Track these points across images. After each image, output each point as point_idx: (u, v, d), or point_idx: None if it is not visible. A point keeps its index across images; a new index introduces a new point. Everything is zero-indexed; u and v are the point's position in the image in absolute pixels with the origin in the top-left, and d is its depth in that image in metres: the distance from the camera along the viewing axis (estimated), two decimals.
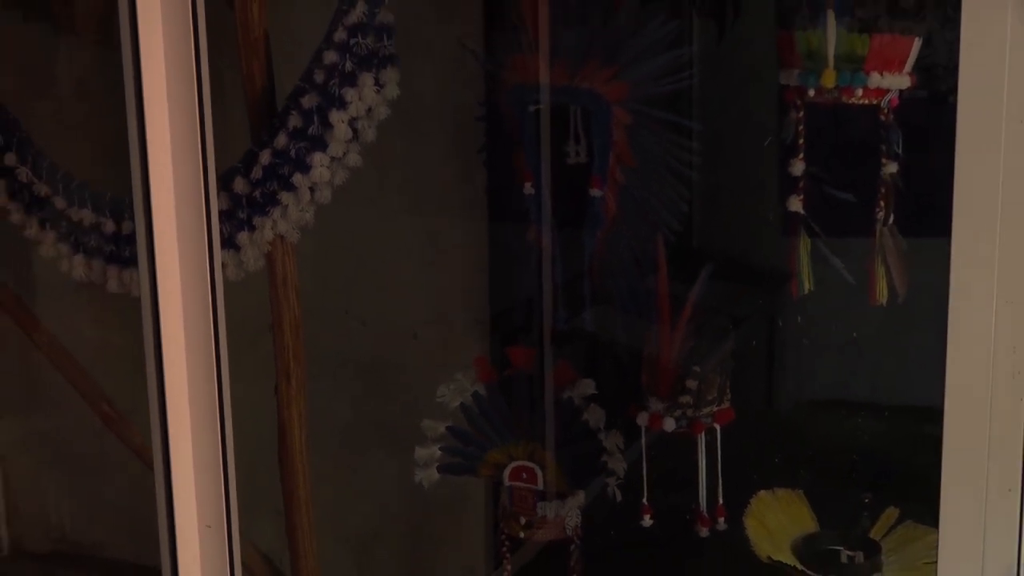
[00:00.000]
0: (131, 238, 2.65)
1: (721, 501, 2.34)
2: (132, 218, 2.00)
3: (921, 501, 2.11)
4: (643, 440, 2.39)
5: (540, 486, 2.50)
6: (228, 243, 2.50)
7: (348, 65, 2.37)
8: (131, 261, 2.68)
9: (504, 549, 2.58)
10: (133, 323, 1.96)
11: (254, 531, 1.94)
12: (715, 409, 2.33)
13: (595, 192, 2.41)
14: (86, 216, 2.74)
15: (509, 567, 2.59)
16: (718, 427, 2.33)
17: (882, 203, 2.03)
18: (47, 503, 3.58)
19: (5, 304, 3.18)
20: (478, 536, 2.97)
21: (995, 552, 1.38)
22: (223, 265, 1.90)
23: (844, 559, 2.19)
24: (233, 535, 1.95)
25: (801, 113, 2.06)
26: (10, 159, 2.77)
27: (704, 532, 2.34)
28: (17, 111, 2.80)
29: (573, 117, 2.48)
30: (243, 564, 1.98)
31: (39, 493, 3.58)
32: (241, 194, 2.52)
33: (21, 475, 3.58)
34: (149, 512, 1.94)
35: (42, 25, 3.19)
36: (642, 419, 2.36)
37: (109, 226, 2.72)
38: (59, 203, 2.76)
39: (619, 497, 2.42)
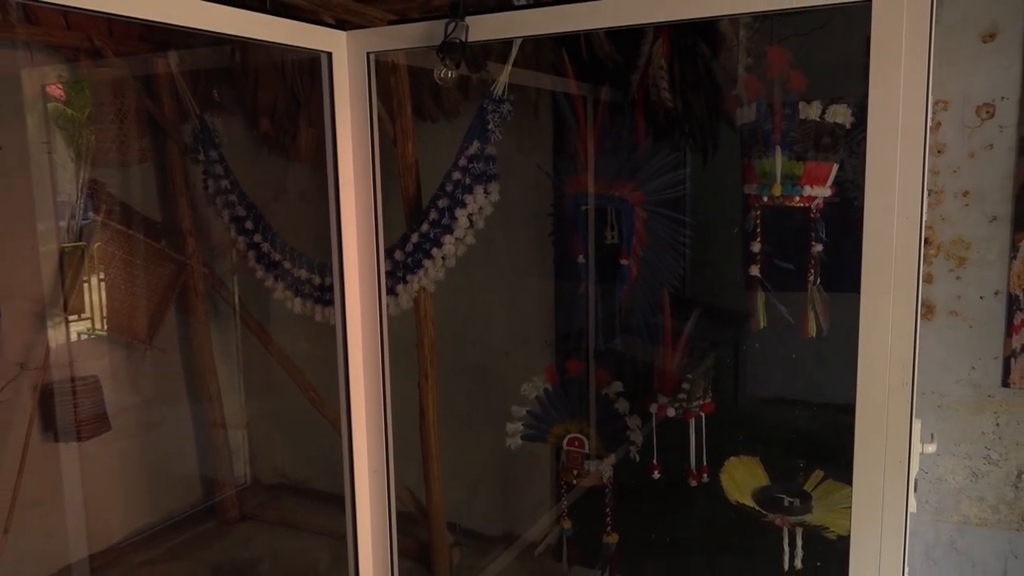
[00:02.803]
0: (329, 288, 2.70)
1: (705, 463, 2.30)
2: (331, 275, 2.04)
3: (838, 466, 2.06)
4: (654, 422, 2.36)
5: (586, 450, 2.48)
6: (390, 291, 2.53)
7: (467, 180, 2.39)
8: (329, 302, 2.72)
9: (562, 491, 2.55)
10: (329, 341, 1.97)
11: (403, 474, 1.94)
12: (702, 403, 2.30)
13: (623, 262, 2.41)
14: (302, 273, 2.79)
15: (565, 502, 2.55)
16: (703, 415, 2.29)
17: (812, 270, 1.99)
18: (274, 452, 3.62)
19: (252, 327, 3.25)
20: (544, 481, 2.93)
21: (891, 501, 1.33)
22: (387, 305, 1.92)
23: (786, 503, 2.13)
24: (390, 476, 1.95)
25: (758, 212, 2.04)
26: (258, 238, 2.84)
27: (693, 483, 2.30)
28: (263, 209, 2.88)
29: (609, 214, 2.48)
30: (395, 495, 1.97)
31: (269, 446, 3.62)
32: (399, 261, 2.55)
33: (259, 435, 3.62)
34: (336, 460, 1.94)
35: (279, 157, 3.28)
36: (653, 408, 2.33)
37: (316, 280, 2.77)
38: (286, 265, 2.82)
39: (638, 459, 2.39)
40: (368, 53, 1.75)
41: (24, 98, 2.70)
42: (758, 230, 2.03)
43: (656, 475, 2.35)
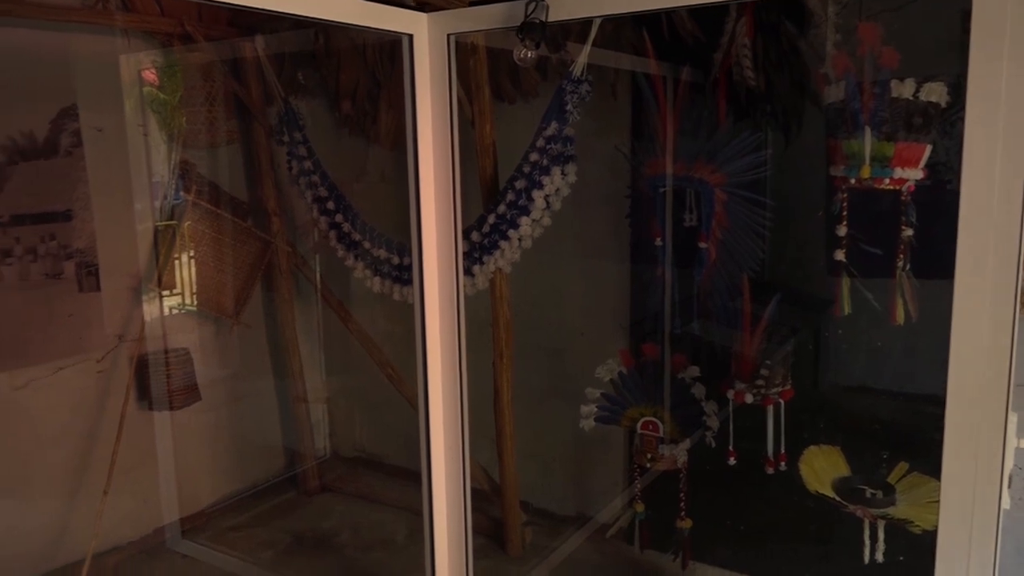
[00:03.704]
0: (408, 267, 2.74)
1: (783, 451, 2.25)
2: (410, 255, 2.07)
3: (925, 459, 1.99)
4: (730, 408, 2.32)
5: (661, 434, 2.45)
6: (467, 272, 2.54)
7: (544, 161, 2.39)
8: (408, 282, 2.76)
9: (635, 473, 2.54)
10: (407, 320, 2.00)
11: (477, 452, 1.96)
12: (781, 389, 2.24)
13: (702, 245, 2.36)
14: (382, 253, 2.84)
15: (638, 485, 2.54)
16: (783, 401, 2.24)
17: (901, 255, 1.92)
18: (353, 427, 3.71)
19: (333, 305, 3.33)
20: (617, 464, 2.93)
21: (982, 497, 1.28)
22: (464, 285, 1.93)
23: (868, 495, 2.07)
24: (465, 454, 1.97)
25: (845, 194, 1.96)
26: (339, 218, 2.90)
27: (770, 471, 2.26)
28: (344, 189, 2.93)
29: (688, 196, 2.44)
30: (469, 471, 2.00)
31: (348, 421, 3.71)
32: (475, 242, 2.57)
33: (338, 410, 3.72)
34: (414, 436, 1.97)
35: (359, 139, 3.34)
36: (730, 394, 2.29)
37: (395, 260, 2.81)
38: (366, 245, 2.87)
39: (713, 444, 2.35)
40: (448, 35, 1.75)
41: (122, 83, 2.82)
42: (844, 213, 1.96)
43: (732, 461, 2.32)
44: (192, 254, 3.12)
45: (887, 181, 1.89)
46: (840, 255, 2.00)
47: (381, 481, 3.45)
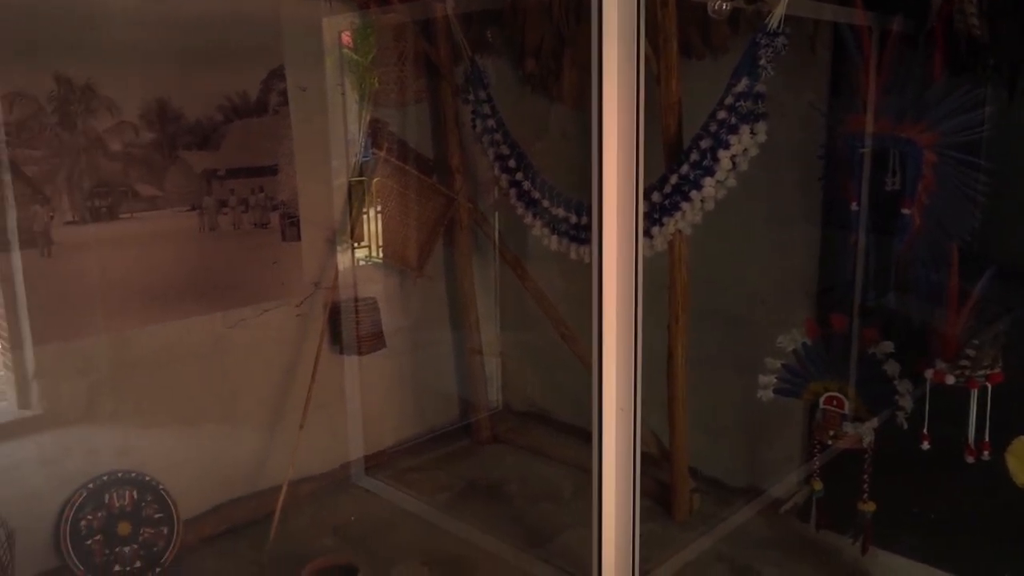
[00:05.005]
0: (586, 227, 2.74)
1: (987, 439, 2.06)
2: (588, 215, 2.05)
3: None
4: (927, 388, 2.15)
5: (845, 411, 2.33)
6: (645, 233, 2.52)
7: (733, 119, 2.30)
8: (585, 241, 2.76)
9: (814, 450, 2.43)
10: (582, 279, 2.00)
11: (647, 414, 1.95)
12: (989, 372, 2.05)
13: (905, 211, 2.19)
14: (560, 212, 2.85)
15: (817, 462, 2.43)
16: (989, 386, 2.05)
17: None
18: (525, 382, 3.80)
19: (510, 262, 3.40)
20: (794, 438, 2.81)
21: None
22: (641, 247, 1.90)
23: None
24: (636, 417, 1.96)
25: None
26: (519, 176, 2.94)
27: (970, 460, 2.08)
28: (525, 148, 2.97)
29: (892, 157, 2.26)
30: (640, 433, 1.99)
31: (521, 376, 3.80)
32: (656, 203, 2.52)
33: (511, 365, 3.82)
34: (584, 394, 1.98)
35: (542, 96, 3.35)
36: (928, 374, 2.12)
37: (573, 219, 2.82)
38: (545, 203, 2.89)
39: (905, 426, 2.20)
40: None
41: (324, 45, 2.99)
42: None
43: (926, 445, 2.16)
44: (379, 208, 3.28)
45: None
46: None
47: (550, 436, 3.52)
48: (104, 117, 2.44)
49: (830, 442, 2.36)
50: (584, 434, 2.02)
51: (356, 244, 3.22)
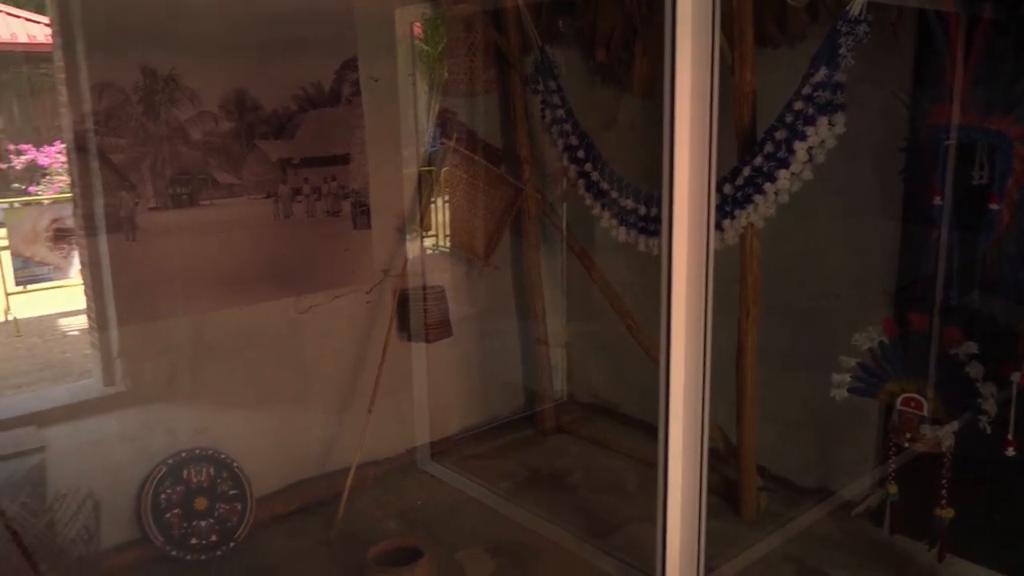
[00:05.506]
0: (655, 219, 2.71)
1: None
2: (658, 207, 2.03)
3: None
4: (1014, 392, 2.06)
5: (924, 413, 2.25)
6: (717, 226, 2.46)
7: (810, 110, 2.23)
8: (654, 233, 2.73)
9: (890, 452, 2.36)
10: (650, 271, 1.98)
11: (715, 410, 1.92)
12: None
13: (993, 206, 2.10)
14: (629, 204, 2.83)
15: (893, 465, 2.36)
16: None
17: None
18: (589, 373, 3.78)
19: (577, 253, 3.38)
20: (868, 439, 2.72)
21: None
22: (713, 240, 1.87)
23: None
24: (704, 411, 1.93)
25: None
26: (588, 167, 2.92)
27: None
28: (595, 138, 2.95)
29: (979, 150, 2.16)
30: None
31: (585, 367, 3.79)
32: (728, 195, 2.47)
33: (576, 356, 3.81)
34: (649, 387, 1.96)
35: (611, 88, 3.32)
36: (1015, 377, 2.04)
37: (642, 210, 2.79)
38: (614, 194, 2.87)
39: (988, 430, 2.11)
40: None
41: (396, 36, 3.02)
42: None
43: (1010, 452, 2.07)
44: (448, 198, 3.31)
45: None
46: None
47: (614, 428, 3.50)
48: (186, 107, 2.53)
49: (907, 445, 2.29)
50: (648, 428, 2.01)
51: (425, 233, 3.25)
